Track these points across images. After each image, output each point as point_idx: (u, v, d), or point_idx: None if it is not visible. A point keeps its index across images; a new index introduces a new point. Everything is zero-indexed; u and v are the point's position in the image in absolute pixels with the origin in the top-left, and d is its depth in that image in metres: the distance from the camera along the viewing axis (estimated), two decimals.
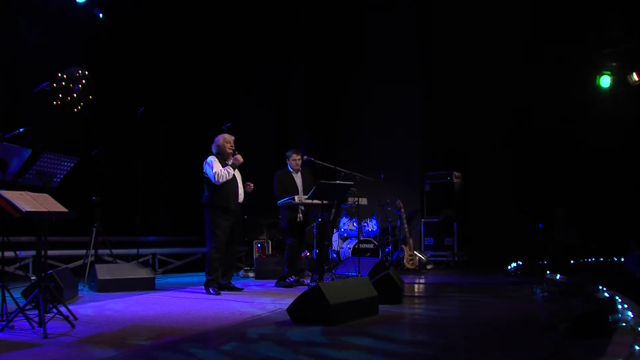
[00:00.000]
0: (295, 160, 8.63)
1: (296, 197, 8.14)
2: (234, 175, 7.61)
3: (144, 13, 11.18)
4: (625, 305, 5.42)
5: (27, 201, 4.61)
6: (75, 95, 10.24)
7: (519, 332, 4.87)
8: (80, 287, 7.45)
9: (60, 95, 10.08)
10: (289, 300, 5.72)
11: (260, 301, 6.69)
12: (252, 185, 7.85)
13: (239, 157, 7.56)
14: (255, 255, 10.79)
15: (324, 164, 8.83)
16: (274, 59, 13.31)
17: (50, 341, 4.29)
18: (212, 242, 7.51)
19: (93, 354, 3.91)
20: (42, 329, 4.53)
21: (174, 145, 12.25)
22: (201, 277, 9.85)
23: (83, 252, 8.82)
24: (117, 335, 4.61)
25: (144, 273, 7.92)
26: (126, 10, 10.85)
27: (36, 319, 4.74)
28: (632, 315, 5.06)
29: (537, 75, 11.51)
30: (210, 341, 4.44)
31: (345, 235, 11.64)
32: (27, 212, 4.47)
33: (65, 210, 4.90)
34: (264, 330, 4.88)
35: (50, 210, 4.74)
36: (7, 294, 4.99)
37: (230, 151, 7.64)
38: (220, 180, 7.42)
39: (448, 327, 5.03)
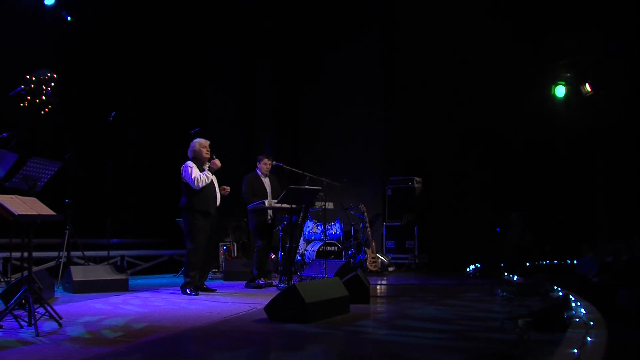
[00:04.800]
0: (266, 164, 8.85)
1: (266, 201, 8.40)
2: (211, 179, 7.75)
3: (112, 16, 11.26)
4: (579, 303, 5.89)
5: (18, 205, 4.76)
6: (43, 97, 10.29)
7: (482, 327, 5.23)
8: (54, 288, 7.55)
9: (28, 98, 10.11)
10: (262, 300, 6.01)
11: (234, 301, 6.92)
12: (228, 188, 8.02)
13: (217, 162, 7.72)
14: (221, 257, 10.98)
15: (292, 169, 9.12)
16: (241, 63, 13.51)
17: (43, 339, 4.46)
18: (191, 245, 7.59)
19: (90, 350, 4.10)
20: (31, 328, 4.69)
21: (141, 148, 12.34)
22: (170, 278, 10.06)
23: (52, 253, 8.87)
24: (107, 333, 4.79)
25: (118, 275, 8.07)
26: (94, 13, 10.91)
27: (24, 319, 4.90)
28: (584, 312, 5.52)
29: (495, 84, 11.97)
30: (199, 338, 4.67)
31: (313, 238, 11.90)
32: (19, 215, 4.63)
33: (54, 213, 5.06)
34: (244, 327, 5.13)
35: (40, 213, 4.90)
36: None
37: (207, 156, 7.77)
38: (200, 185, 7.54)
39: (415, 324, 5.36)
